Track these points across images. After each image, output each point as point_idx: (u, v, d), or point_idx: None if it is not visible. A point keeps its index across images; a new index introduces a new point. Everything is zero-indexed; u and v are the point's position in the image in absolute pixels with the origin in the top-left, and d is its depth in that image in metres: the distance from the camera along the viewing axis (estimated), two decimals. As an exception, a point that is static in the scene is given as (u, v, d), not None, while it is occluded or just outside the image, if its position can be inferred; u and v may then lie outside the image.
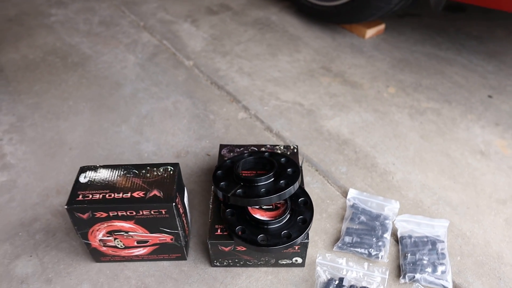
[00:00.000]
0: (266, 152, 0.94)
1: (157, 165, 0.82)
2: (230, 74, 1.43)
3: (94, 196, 0.76)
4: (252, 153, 0.94)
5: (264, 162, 0.90)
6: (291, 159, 0.90)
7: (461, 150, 1.14)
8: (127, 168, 0.81)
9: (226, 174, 0.87)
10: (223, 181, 0.85)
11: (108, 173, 0.80)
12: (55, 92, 1.35)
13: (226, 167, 0.90)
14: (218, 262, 0.86)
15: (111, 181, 0.79)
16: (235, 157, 0.93)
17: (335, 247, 0.89)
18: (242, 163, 0.89)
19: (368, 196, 0.99)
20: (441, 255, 0.87)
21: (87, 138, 1.18)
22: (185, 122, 1.23)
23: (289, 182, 0.82)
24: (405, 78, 1.42)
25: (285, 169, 0.86)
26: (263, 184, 0.82)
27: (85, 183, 0.79)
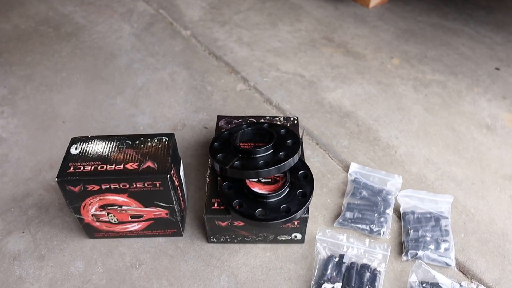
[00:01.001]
0: (265, 123, 0.91)
1: (151, 136, 0.79)
2: (229, 44, 1.38)
3: (85, 168, 0.73)
4: (251, 124, 0.90)
5: (263, 133, 0.87)
6: (291, 130, 0.86)
7: (467, 124, 1.11)
8: (120, 139, 0.78)
9: (224, 146, 0.84)
10: (220, 153, 0.82)
11: (101, 144, 0.77)
12: (47, 63, 1.31)
13: (224, 138, 0.86)
14: (215, 238, 0.83)
15: (104, 152, 0.76)
16: (233, 128, 0.90)
17: (335, 223, 0.87)
18: (240, 134, 0.86)
19: (370, 171, 0.96)
20: (445, 232, 0.85)
21: (80, 110, 1.15)
22: (182, 94, 1.19)
23: (289, 154, 0.79)
24: (409, 49, 1.37)
25: (285, 141, 0.82)
26: (261, 156, 0.79)
27: (77, 155, 0.75)
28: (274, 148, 0.80)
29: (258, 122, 0.93)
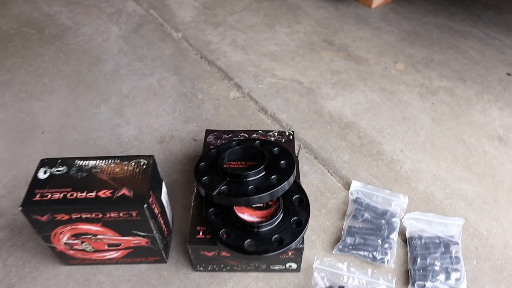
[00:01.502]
0: (257, 140, 0.83)
1: (128, 158, 0.71)
2: (222, 48, 1.30)
3: (53, 195, 0.65)
4: (241, 142, 0.82)
5: (254, 152, 0.79)
6: (285, 149, 0.78)
7: (477, 136, 1.02)
8: (93, 162, 0.70)
9: (211, 166, 0.76)
10: (206, 175, 0.74)
11: (72, 167, 0.69)
12: (29, 68, 1.23)
13: (211, 158, 0.78)
14: (201, 267, 0.75)
15: (75, 177, 0.68)
16: (221, 146, 0.82)
17: (335, 249, 0.79)
18: (228, 153, 0.78)
19: (373, 190, 0.88)
20: (455, 259, 0.77)
21: (62, 120, 1.07)
22: (171, 102, 1.11)
23: (282, 177, 0.71)
24: (415, 53, 1.28)
25: (278, 161, 0.74)
26: (252, 180, 0.71)
27: (44, 180, 0.68)
28: (266, 170, 0.72)
29: (249, 139, 0.84)
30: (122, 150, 0.98)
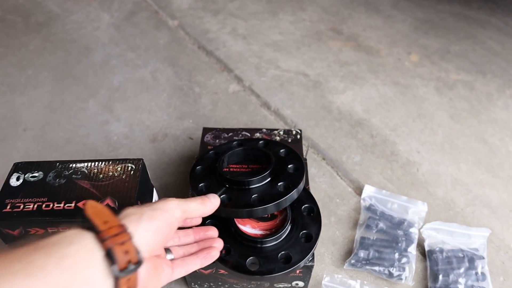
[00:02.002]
0: (261, 140, 0.74)
1: (114, 162, 0.62)
2: (222, 37, 1.20)
3: (26, 206, 0.57)
4: (243, 142, 0.73)
5: (257, 154, 0.70)
6: (292, 151, 0.69)
7: (500, 135, 0.93)
8: (73, 167, 0.61)
9: (209, 170, 0.67)
10: (203, 181, 0.65)
11: (49, 173, 0.61)
12: (12, 58, 1.13)
13: (209, 160, 0.70)
14: (196, 285, 0.67)
15: (52, 184, 0.59)
16: (221, 147, 0.73)
17: (346, 263, 0.70)
18: (229, 156, 0.69)
19: (388, 195, 0.79)
20: (481, 276, 0.68)
21: (46, 116, 0.98)
22: (165, 96, 1.02)
23: (291, 184, 0.62)
24: (430, 43, 1.19)
25: (286, 165, 0.66)
26: (255, 188, 0.62)
27: (17, 188, 0.59)
28: (271, 177, 0.63)
29: (252, 139, 0.76)
30: (111, 149, 0.90)
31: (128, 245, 0.37)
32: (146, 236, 0.40)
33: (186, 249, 0.54)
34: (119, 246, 0.36)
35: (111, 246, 0.35)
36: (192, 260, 0.52)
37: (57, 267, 0.32)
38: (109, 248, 0.35)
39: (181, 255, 0.53)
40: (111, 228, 0.37)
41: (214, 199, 0.53)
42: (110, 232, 0.36)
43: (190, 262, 0.52)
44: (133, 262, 0.36)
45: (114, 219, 0.38)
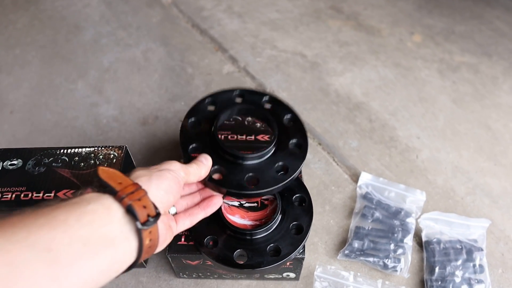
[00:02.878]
0: (266, 95, 0.63)
1: (96, 149, 0.59)
2: (217, 15, 1.16)
3: (4, 195, 0.54)
4: (245, 94, 0.63)
5: (259, 116, 0.63)
6: (298, 120, 0.61)
7: (504, 120, 0.90)
8: (55, 154, 0.59)
9: (202, 127, 0.59)
10: (195, 141, 0.57)
11: (28, 161, 0.58)
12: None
13: (204, 112, 0.60)
14: (185, 275, 0.65)
15: (31, 172, 0.57)
16: (219, 95, 0.63)
17: (340, 254, 0.68)
18: (227, 114, 0.61)
19: (386, 183, 0.76)
20: (479, 269, 0.66)
21: (33, 98, 0.94)
22: (157, 77, 0.98)
23: (290, 166, 0.55)
24: (434, 23, 1.14)
25: (288, 138, 0.59)
26: (251, 165, 0.55)
27: (-5, 176, 0.56)
28: (271, 154, 0.57)
29: (255, 92, 0.64)
30: (100, 133, 0.87)
31: (145, 200, 0.39)
32: (159, 194, 0.43)
33: (189, 199, 0.55)
34: (137, 202, 0.38)
35: (130, 202, 0.38)
36: (195, 210, 0.54)
37: (77, 222, 0.35)
38: (129, 205, 0.38)
39: (184, 207, 0.54)
40: (127, 187, 0.39)
41: (206, 161, 0.53)
42: (126, 190, 0.39)
43: (194, 213, 0.53)
44: (151, 215, 0.39)
45: (127, 179, 0.41)
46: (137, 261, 0.40)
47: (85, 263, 0.34)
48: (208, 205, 0.54)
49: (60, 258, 0.32)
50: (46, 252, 0.32)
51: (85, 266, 0.34)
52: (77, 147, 0.60)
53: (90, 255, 0.34)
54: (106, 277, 0.37)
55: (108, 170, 0.42)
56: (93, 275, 0.35)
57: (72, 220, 0.34)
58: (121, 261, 0.38)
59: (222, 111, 0.60)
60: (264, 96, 0.63)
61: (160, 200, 0.42)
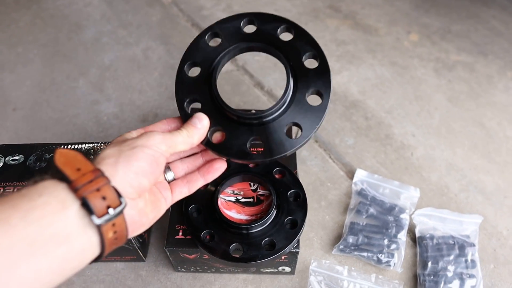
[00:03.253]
0: (283, 22, 0.54)
1: (96, 145, 0.61)
2: (216, 14, 1.17)
3: (6, 190, 0.56)
4: (256, 20, 0.53)
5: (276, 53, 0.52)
6: (323, 58, 0.53)
7: (499, 119, 0.91)
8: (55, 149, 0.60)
9: (205, 74, 0.51)
10: (193, 94, 0.50)
11: (29, 156, 0.59)
12: (1, 35, 1.11)
13: (206, 53, 0.51)
14: (183, 268, 0.67)
15: (32, 168, 0.58)
16: (223, 25, 0.53)
17: (335, 249, 0.69)
18: (233, 54, 0.52)
19: (380, 180, 0.78)
20: (471, 264, 0.67)
21: (35, 95, 0.96)
22: (156, 75, 1.00)
23: (302, 126, 0.49)
24: (430, 22, 1.15)
25: (307, 85, 0.50)
26: (257, 127, 0.49)
27: (-2, 171, 0.58)
28: (282, 110, 0.49)
29: (269, 20, 0.54)
30: (100, 130, 0.88)
31: (105, 190, 0.35)
32: (128, 178, 0.38)
33: (189, 162, 0.49)
34: (95, 193, 0.34)
35: (85, 194, 0.33)
36: (194, 176, 0.48)
37: (23, 220, 0.30)
38: (83, 197, 0.33)
39: (182, 172, 0.49)
40: (84, 176, 0.34)
41: (201, 124, 0.46)
42: (83, 180, 0.34)
43: (193, 179, 0.48)
44: (113, 206, 0.35)
45: (88, 164, 0.36)
46: (102, 255, 0.36)
47: (31, 265, 0.30)
48: (209, 171, 0.49)
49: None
50: None
51: (31, 268, 0.30)
52: (78, 143, 0.61)
53: (38, 257, 0.31)
54: (61, 275, 0.33)
55: (67, 154, 0.36)
56: (42, 277, 0.31)
57: (16, 218, 0.30)
58: (80, 257, 0.34)
59: (225, 50, 0.50)
60: (281, 25, 0.52)
61: (130, 185, 0.38)
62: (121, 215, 0.36)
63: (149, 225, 0.43)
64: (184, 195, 0.48)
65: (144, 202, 0.41)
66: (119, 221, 0.36)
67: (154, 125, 0.49)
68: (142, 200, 0.41)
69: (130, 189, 0.38)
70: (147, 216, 0.42)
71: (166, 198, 0.46)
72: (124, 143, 0.41)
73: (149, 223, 0.43)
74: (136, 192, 0.39)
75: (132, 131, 0.47)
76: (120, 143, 0.41)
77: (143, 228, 0.42)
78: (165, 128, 0.49)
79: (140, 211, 0.40)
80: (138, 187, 0.39)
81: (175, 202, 0.48)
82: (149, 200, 0.42)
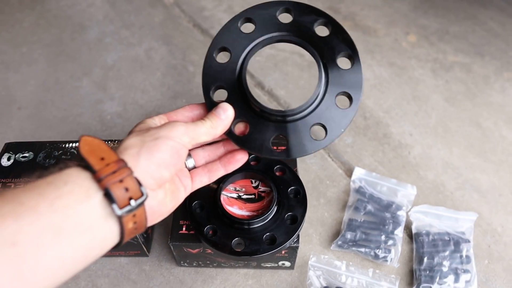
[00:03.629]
0: (320, 16, 0.53)
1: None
2: (217, 15, 1.19)
3: (17, 186, 0.58)
4: (293, 11, 0.52)
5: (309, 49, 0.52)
6: (357, 58, 0.53)
7: (495, 118, 0.93)
8: (63, 147, 0.62)
9: (234, 62, 0.51)
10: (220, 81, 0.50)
11: (39, 153, 0.61)
12: (6, 35, 1.13)
13: (238, 41, 0.51)
14: (186, 263, 0.69)
15: (42, 165, 0.60)
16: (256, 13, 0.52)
17: (333, 244, 0.71)
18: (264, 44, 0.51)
19: (378, 178, 0.79)
20: (466, 259, 0.69)
21: (40, 94, 0.98)
22: (159, 75, 1.02)
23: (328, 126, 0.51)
24: (429, 24, 1.17)
25: (340, 82, 0.51)
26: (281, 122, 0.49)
27: (8, 167, 0.60)
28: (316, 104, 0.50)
29: (308, 9, 0.54)
30: (104, 129, 0.90)
31: (128, 181, 0.35)
32: (149, 170, 0.38)
33: (211, 151, 0.49)
34: (118, 184, 0.34)
35: (108, 185, 0.34)
36: (215, 166, 0.48)
37: (49, 208, 0.31)
38: (106, 188, 0.34)
39: (203, 161, 0.49)
40: (108, 166, 0.34)
41: (226, 116, 0.46)
42: (106, 170, 0.34)
43: (213, 169, 0.48)
44: (135, 198, 0.35)
45: (111, 154, 0.36)
46: (120, 244, 0.37)
47: (57, 253, 0.31)
48: (230, 161, 0.49)
49: (26, 252, 0.29)
50: (10, 247, 0.28)
51: (56, 257, 0.31)
52: (84, 141, 0.63)
53: (63, 245, 0.31)
54: (82, 263, 0.34)
55: (92, 142, 0.36)
56: (65, 264, 0.32)
57: (43, 206, 0.31)
58: (100, 246, 0.35)
59: (259, 37, 0.48)
60: (319, 18, 0.51)
61: (151, 176, 0.38)
62: (142, 206, 0.36)
63: (168, 214, 0.43)
64: (204, 183, 0.48)
65: (164, 193, 0.42)
66: (139, 212, 0.36)
67: (176, 112, 0.49)
68: (162, 190, 0.41)
69: (151, 180, 0.38)
70: (166, 206, 0.42)
71: (186, 187, 0.45)
72: (147, 132, 0.40)
73: (168, 212, 0.43)
74: (157, 183, 0.39)
75: (155, 117, 0.46)
76: (143, 133, 0.40)
77: (161, 217, 0.42)
78: (188, 115, 0.49)
79: (160, 201, 0.41)
80: (159, 179, 0.39)
81: (194, 190, 0.47)
82: (169, 189, 0.43)
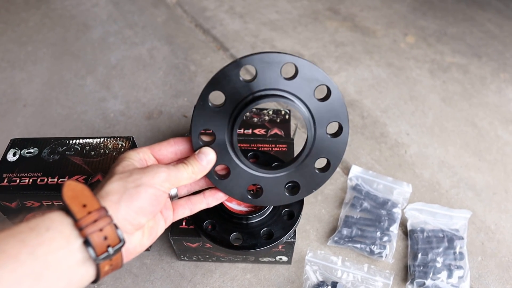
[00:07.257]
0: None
1: (105, 139, 0.65)
2: (219, 15, 1.21)
3: (22, 180, 0.60)
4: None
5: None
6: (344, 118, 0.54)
7: (490, 118, 0.95)
8: (68, 144, 0.64)
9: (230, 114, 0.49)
10: (212, 125, 0.48)
11: (44, 149, 0.63)
12: (12, 34, 1.15)
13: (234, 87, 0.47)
14: (185, 257, 0.71)
15: (46, 160, 0.62)
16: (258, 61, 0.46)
17: (330, 240, 0.73)
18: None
19: (375, 176, 0.81)
20: (459, 256, 0.71)
21: (45, 92, 1.00)
22: (161, 74, 1.04)
23: (304, 182, 0.56)
24: (427, 25, 1.18)
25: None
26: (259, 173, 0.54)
27: (14, 163, 0.62)
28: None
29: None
30: (107, 126, 0.92)
31: (108, 229, 0.36)
32: (128, 217, 0.40)
33: (194, 182, 0.50)
34: (97, 233, 0.36)
35: (88, 234, 0.35)
36: (198, 198, 0.50)
37: (31, 256, 0.32)
38: (87, 236, 0.35)
39: (185, 191, 0.50)
40: (90, 214, 0.36)
41: (207, 162, 0.47)
42: (88, 219, 0.36)
43: (195, 201, 0.50)
44: (112, 245, 0.37)
45: (94, 202, 0.37)
46: (96, 282, 0.39)
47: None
48: (213, 197, 0.51)
49: None
50: None
51: None
52: (88, 137, 0.65)
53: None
54: None
55: (75, 187, 0.37)
56: None
57: (25, 253, 0.32)
58: (76, 286, 0.37)
59: (260, 91, 0.46)
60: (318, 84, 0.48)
61: (129, 223, 0.40)
62: (118, 253, 0.38)
63: (143, 250, 0.45)
64: (186, 215, 0.50)
65: (142, 233, 0.43)
66: (116, 257, 0.38)
67: (160, 146, 0.49)
68: (140, 232, 0.43)
69: (130, 226, 0.40)
70: (142, 246, 0.44)
71: (167, 219, 0.47)
72: (130, 177, 0.42)
73: (143, 249, 0.45)
74: (135, 228, 0.41)
75: (139, 151, 0.47)
76: (126, 177, 0.42)
77: (137, 255, 0.44)
78: (172, 150, 0.49)
79: (136, 243, 0.43)
80: (137, 225, 0.41)
81: (176, 220, 0.49)
82: (147, 227, 0.44)
